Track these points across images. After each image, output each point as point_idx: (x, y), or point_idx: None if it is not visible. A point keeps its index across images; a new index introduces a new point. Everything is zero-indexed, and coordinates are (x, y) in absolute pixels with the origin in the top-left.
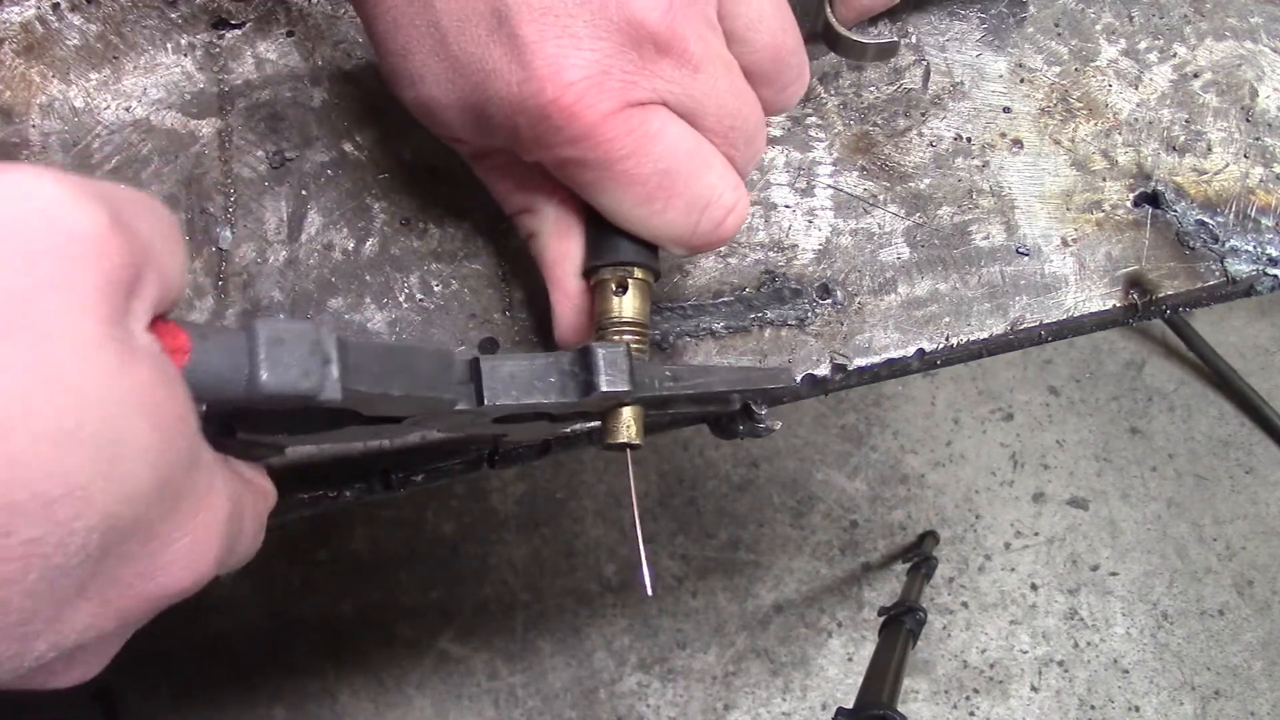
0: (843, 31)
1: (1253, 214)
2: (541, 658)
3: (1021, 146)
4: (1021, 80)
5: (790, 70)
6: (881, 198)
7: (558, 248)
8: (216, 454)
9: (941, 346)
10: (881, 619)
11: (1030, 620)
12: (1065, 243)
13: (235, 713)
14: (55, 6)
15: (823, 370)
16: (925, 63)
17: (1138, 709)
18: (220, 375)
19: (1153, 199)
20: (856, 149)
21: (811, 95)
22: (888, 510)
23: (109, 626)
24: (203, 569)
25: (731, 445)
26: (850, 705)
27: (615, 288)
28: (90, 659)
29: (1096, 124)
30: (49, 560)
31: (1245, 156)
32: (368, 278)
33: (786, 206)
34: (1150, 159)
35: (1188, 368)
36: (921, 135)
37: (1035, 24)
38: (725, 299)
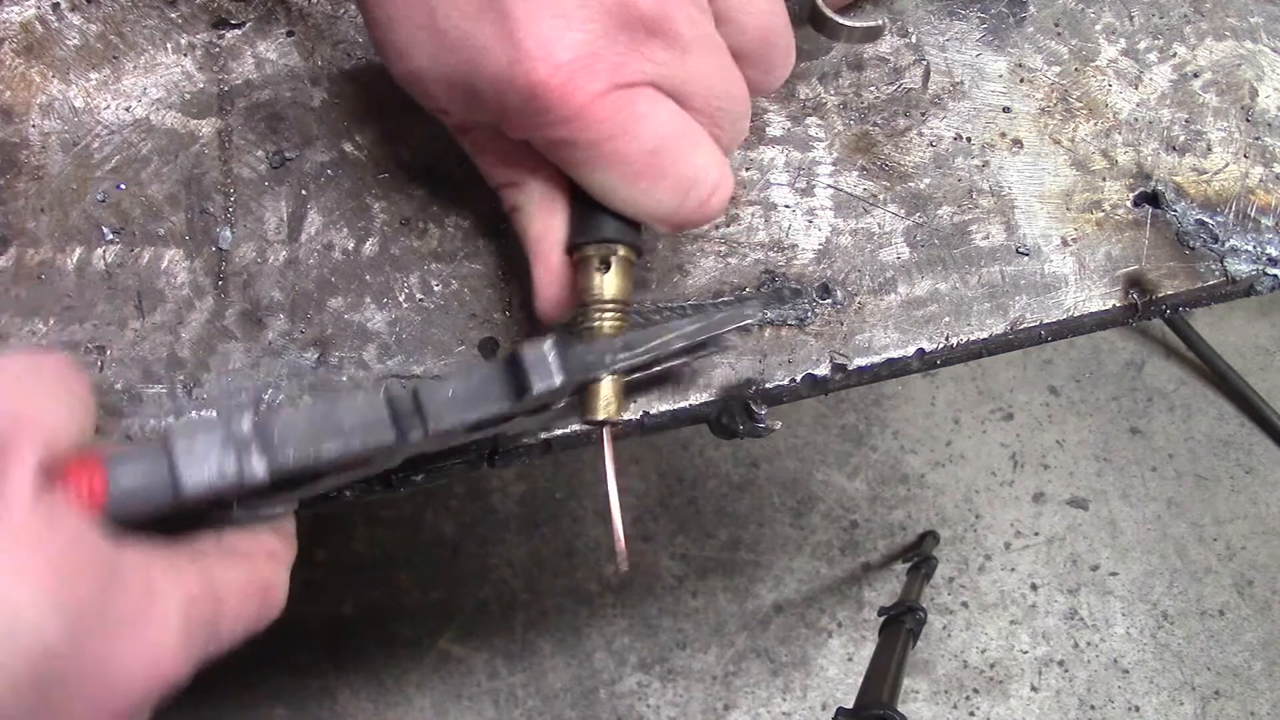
0: (829, 14)
1: (1253, 214)
2: (541, 658)
3: (1021, 146)
4: (1021, 80)
5: (778, 52)
6: (881, 197)
7: (541, 223)
8: (168, 545)
9: (941, 346)
10: (881, 619)
11: (1030, 620)
12: (1065, 242)
13: (235, 713)
14: (55, 6)
15: (823, 370)
16: (925, 63)
17: (1138, 709)
18: (146, 492)
19: (1153, 199)
20: (856, 149)
21: (811, 95)
22: (888, 510)
23: None
24: (167, 660)
25: (731, 445)
26: (850, 705)
27: (598, 264)
28: None
29: (1096, 124)
30: None
31: (1245, 156)
32: (368, 278)
33: (786, 206)
34: (1150, 159)
35: (1188, 368)
36: (921, 135)
37: (1035, 24)
38: (725, 299)
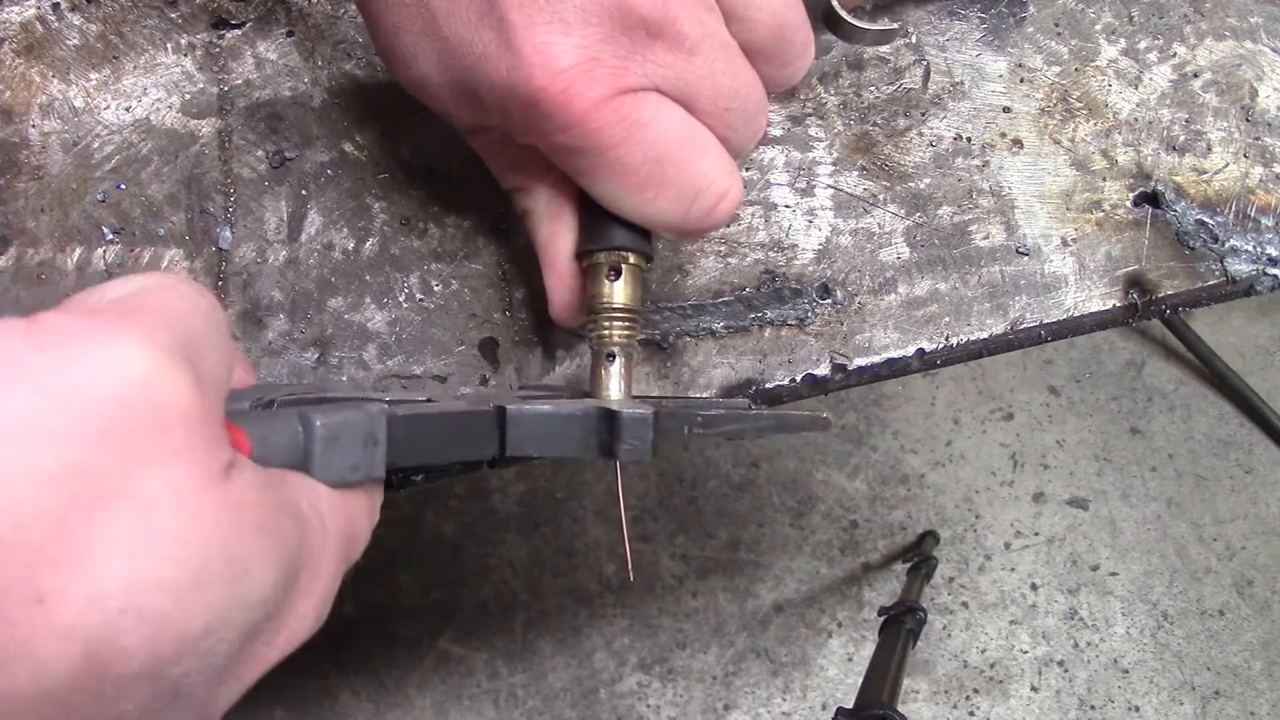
0: (845, 16)
1: (1253, 214)
2: (541, 658)
3: (1021, 146)
4: (1021, 80)
5: (793, 47)
6: (881, 197)
7: (550, 228)
8: (331, 489)
9: (941, 346)
10: (881, 619)
11: (1030, 620)
12: (1065, 242)
13: (235, 713)
14: (55, 6)
15: (823, 370)
16: (925, 63)
17: (1138, 709)
18: (281, 465)
19: (1153, 199)
20: (856, 149)
21: (811, 95)
22: (888, 510)
23: (240, 691)
24: (318, 615)
25: (732, 445)
26: (850, 705)
27: (608, 272)
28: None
29: (1096, 124)
30: (194, 679)
31: (1245, 156)
32: (368, 278)
33: (786, 206)
34: (1150, 159)
35: (1187, 368)
36: (921, 135)
37: (1035, 24)
38: (725, 299)
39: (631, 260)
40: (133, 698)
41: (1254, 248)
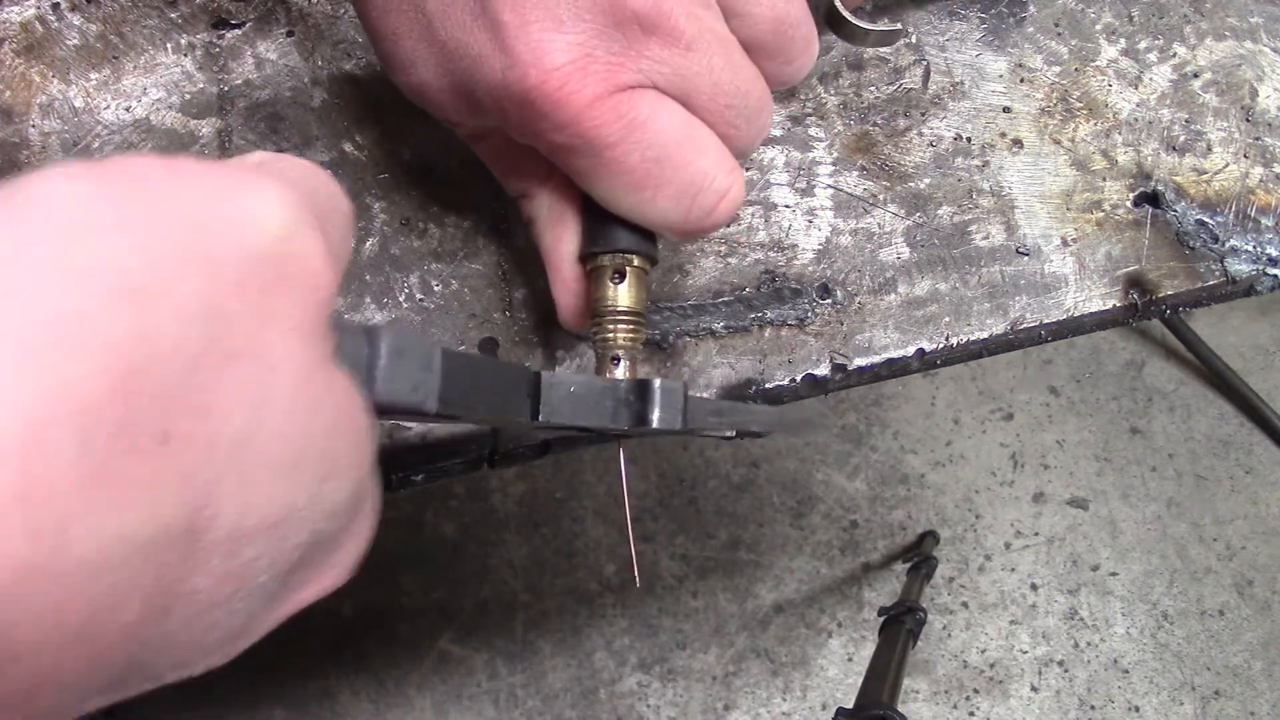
0: (847, 16)
1: (1253, 214)
2: (541, 658)
3: (1021, 146)
4: (1021, 80)
5: (795, 43)
6: (881, 198)
7: (554, 233)
8: None
9: (941, 346)
10: (881, 619)
11: (1030, 620)
12: (1065, 242)
13: (236, 713)
14: (55, 6)
15: (823, 370)
16: (925, 63)
17: (1138, 709)
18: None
19: (1153, 199)
20: (856, 149)
21: (811, 95)
22: (888, 510)
23: (266, 629)
24: (351, 568)
25: (731, 445)
26: (850, 705)
27: (611, 275)
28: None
29: (1096, 124)
30: (258, 579)
31: (1245, 156)
32: (368, 277)
33: (786, 206)
34: (1150, 159)
35: (1187, 368)
36: (921, 135)
37: (1035, 24)
38: (725, 299)
39: (635, 263)
40: (207, 571)
41: (1254, 248)
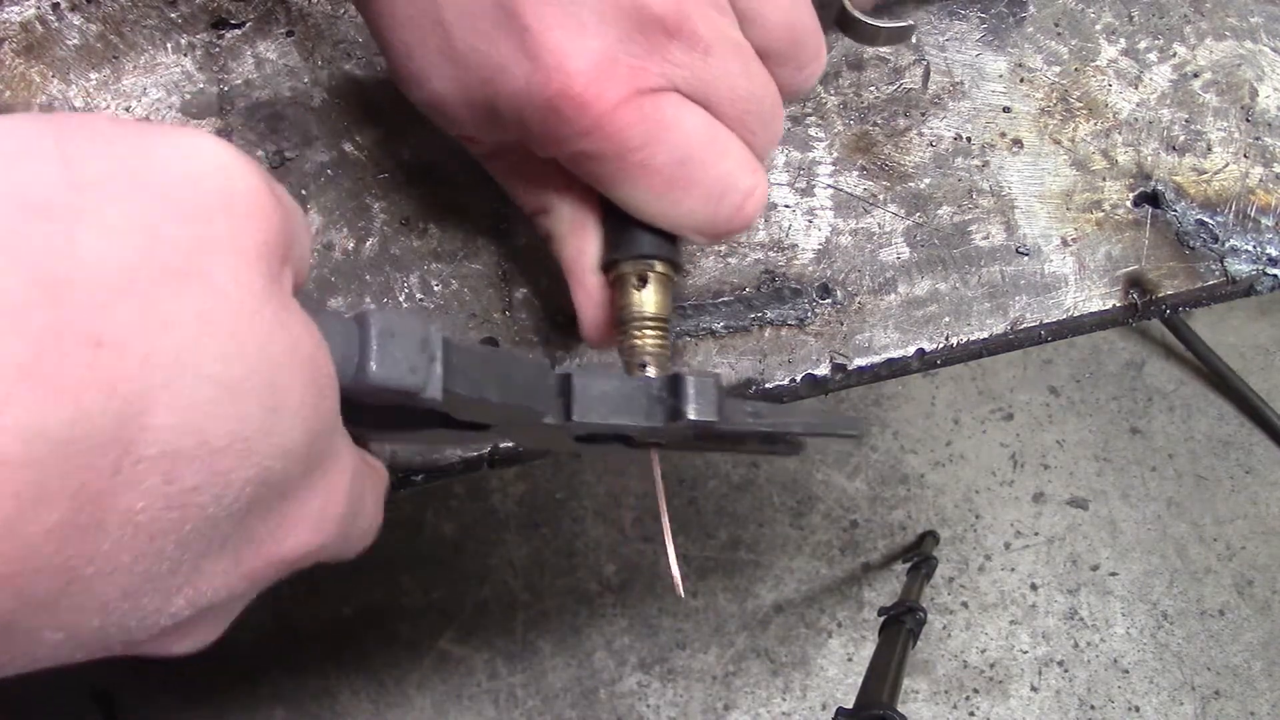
0: (856, 14)
1: (1253, 214)
2: (541, 658)
3: (1021, 146)
4: (1021, 80)
5: (807, 50)
6: (881, 197)
7: (574, 245)
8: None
9: (941, 346)
10: (881, 619)
11: (1030, 620)
12: (1065, 242)
13: (236, 713)
14: (55, 6)
15: (823, 370)
16: (925, 63)
17: (1138, 709)
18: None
19: (1153, 199)
20: (856, 149)
21: (811, 95)
22: (888, 510)
23: (239, 588)
24: (327, 532)
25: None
26: (850, 705)
27: (635, 282)
28: (210, 625)
29: (1096, 124)
30: (204, 511)
31: (1245, 156)
32: (368, 277)
33: (786, 206)
34: (1150, 159)
35: (1188, 368)
36: (921, 135)
37: (1035, 24)
38: (725, 299)
39: (659, 268)
40: (144, 492)
41: (1254, 248)
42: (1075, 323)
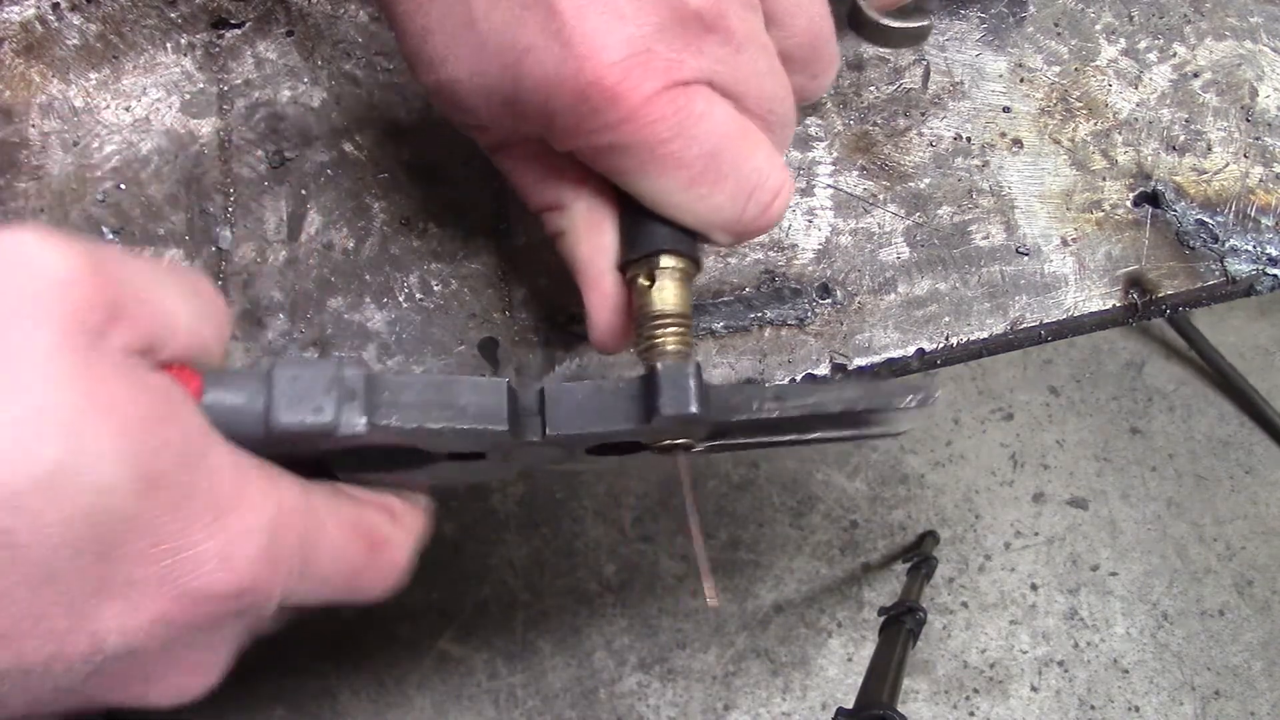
0: (872, 15)
1: (1253, 214)
2: (541, 658)
3: (1021, 146)
4: (1021, 80)
5: (824, 59)
6: (881, 197)
7: (590, 243)
8: (283, 471)
9: (941, 346)
10: (881, 619)
11: (1030, 620)
12: (1065, 242)
13: (235, 713)
14: (55, 6)
15: (822, 370)
16: (925, 63)
17: (1138, 709)
18: (238, 413)
19: (1153, 199)
20: (856, 149)
21: None
22: (888, 510)
23: (153, 629)
24: (243, 566)
25: None
26: (850, 705)
27: (654, 280)
28: (189, 673)
29: (1096, 124)
30: (30, 552)
31: (1245, 156)
32: (367, 277)
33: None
34: (1150, 158)
35: (1188, 368)
36: (921, 135)
37: (1035, 24)
38: (725, 299)
39: (679, 265)
40: None
41: (1254, 248)
42: (1075, 322)
